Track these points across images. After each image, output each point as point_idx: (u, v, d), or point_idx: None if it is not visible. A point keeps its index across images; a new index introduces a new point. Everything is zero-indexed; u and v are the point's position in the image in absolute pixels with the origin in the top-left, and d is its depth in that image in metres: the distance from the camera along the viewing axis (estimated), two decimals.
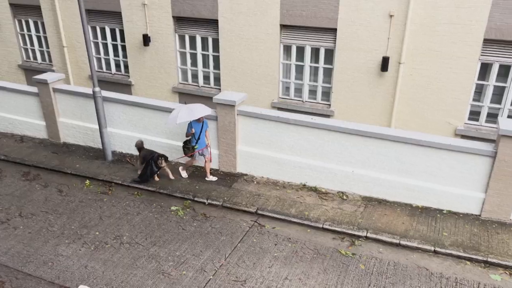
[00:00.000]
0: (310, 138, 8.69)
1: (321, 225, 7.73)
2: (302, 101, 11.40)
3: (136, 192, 9.03)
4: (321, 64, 10.81)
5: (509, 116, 9.44)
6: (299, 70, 11.19)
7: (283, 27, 10.79)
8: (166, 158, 9.17)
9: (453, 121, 9.76)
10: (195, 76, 12.68)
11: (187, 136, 9.01)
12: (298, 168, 8.98)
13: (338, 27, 10.08)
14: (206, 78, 12.58)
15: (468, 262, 6.78)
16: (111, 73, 13.83)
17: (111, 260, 6.96)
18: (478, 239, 7.20)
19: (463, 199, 7.82)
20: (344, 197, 8.57)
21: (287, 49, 11.11)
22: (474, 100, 9.67)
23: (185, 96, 12.65)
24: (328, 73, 10.83)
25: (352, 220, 7.81)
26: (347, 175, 8.57)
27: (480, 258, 6.77)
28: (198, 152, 9.08)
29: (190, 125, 8.81)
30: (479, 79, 9.44)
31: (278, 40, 10.91)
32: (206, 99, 11.98)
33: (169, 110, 9.71)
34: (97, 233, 7.68)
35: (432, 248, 7.03)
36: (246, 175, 9.57)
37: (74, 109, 10.88)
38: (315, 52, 10.84)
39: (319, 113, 10.89)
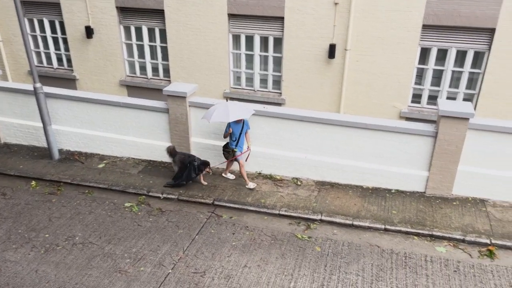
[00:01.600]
0: (263, 126, 8.77)
1: (277, 212, 7.87)
2: (254, 90, 11.45)
3: (87, 191, 8.72)
4: (271, 53, 10.89)
5: (448, 98, 10.01)
6: (249, 59, 11.21)
7: (231, 16, 10.74)
8: (209, 165, 8.59)
9: (398, 105, 10.21)
10: (143, 68, 12.35)
11: (224, 137, 8.46)
12: (252, 157, 9.03)
13: (285, 15, 10.18)
14: (155, 70, 12.29)
15: (415, 237, 7.18)
16: (53, 68, 13.15)
17: (64, 262, 6.71)
18: (423, 215, 7.63)
19: (409, 178, 8.24)
20: (299, 183, 8.76)
21: (236, 38, 11.08)
22: (416, 83, 10.15)
23: (134, 89, 12.31)
24: (278, 61, 10.93)
25: (307, 205, 8.01)
26: (300, 161, 8.75)
27: (426, 232, 7.19)
28: (239, 155, 8.44)
29: (229, 125, 8.16)
30: (419, 63, 9.91)
31: (227, 29, 10.84)
32: (156, 92, 11.75)
33: (117, 104, 9.45)
34: (47, 235, 7.36)
35: (383, 226, 7.37)
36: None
37: (14, 107, 10.27)
38: (264, 41, 10.89)
39: (271, 102, 11.00)
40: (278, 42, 10.70)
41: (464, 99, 9.86)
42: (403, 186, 8.35)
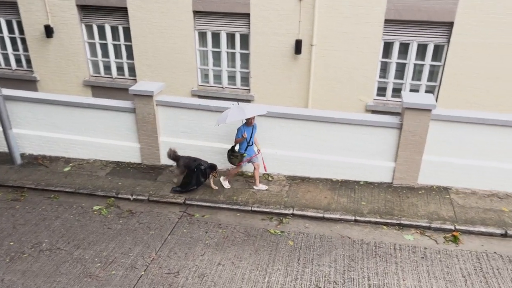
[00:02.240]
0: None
1: (249, 208, 7.89)
2: (222, 87, 11.41)
3: (52, 196, 8.45)
4: (238, 49, 10.87)
5: (411, 90, 10.32)
6: (217, 56, 11.16)
7: (196, 13, 10.63)
8: (216, 169, 8.32)
9: (364, 98, 10.43)
10: (107, 68, 12.06)
11: (236, 143, 8.09)
12: (223, 154, 9.00)
13: (251, 12, 10.18)
14: (120, 69, 12.03)
15: (384, 227, 7.37)
16: (11, 69, 12.63)
17: (31, 270, 6.48)
18: (391, 205, 7.85)
19: (377, 169, 8.45)
20: (270, 179, 8.81)
21: (202, 35, 10.99)
22: (380, 77, 10.40)
23: (99, 89, 12.00)
24: (245, 58, 10.93)
25: (278, 200, 8.07)
26: (271, 157, 8.79)
27: (395, 221, 7.40)
28: (247, 160, 8.19)
29: (241, 129, 7.87)
30: (383, 57, 10.15)
31: (192, 26, 10.74)
32: (122, 91, 11.50)
33: (82, 105, 9.19)
34: (11, 243, 7.08)
35: (353, 218, 7.53)
36: (171, 166, 9.40)
37: None
38: (231, 37, 10.86)
39: (240, 99, 10.98)
40: (245, 38, 10.70)
41: (426, 91, 10.19)
42: (371, 177, 8.55)
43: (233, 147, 8.15)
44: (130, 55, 11.62)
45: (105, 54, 11.85)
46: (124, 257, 6.72)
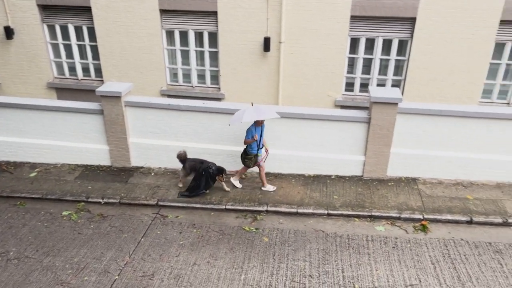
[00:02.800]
0: (203, 122, 8.71)
1: (223, 207, 7.88)
2: (192, 86, 11.32)
3: (18, 202, 8.16)
4: (206, 48, 10.80)
5: (378, 85, 10.55)
6: (185, 55, 11.05)
7: (163, 11, 10.49)
8: (225, 172, 8.10)
9: (332, 93, 10.59)
10: (72, 69, 11.73)
11: (246, 143, 7.86)
12: (196, 154, 8.94)
13: (218, 9, 10.13)
14: (86, 70, 11.72)
15: (356, 219, 7.53)
16: None
17: None
18: (362, 197, 8.02)
19: (347, 163, 8.61)
20: (243, 176, 8.81)
21: (170, 34, 10.86)
22: (348, 72, 10.58)
23: (64, 91, 11.66)
24: (214, 56, 10.88)
25: (252, 197, 8.10)
26: None
27: (366, 213, 7.57)
28: (261, 160, 8.04)
29: (251, 130, 7.70)
30: (350, 53, 10.33)
31: (159, 25, 10.59)
32: (88, 93, 11.21)
33: (46, 108, 8.91)
34: None
35: (326, 212, 7.65)
36: (142, 167, 9.27)
37: None
38: (199, 36, 10.78)
39: (210, 97, 10.94)
40: (213, 36, 10.64)
41: (392, 85, 10.45)
42: (342, 171, 8.70)
43: (245, 149, 7.97)
44: (96, 56, 11.35)
45: (69, 55, 11.52)
46: (97, 262, 6.58)
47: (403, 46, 10.06)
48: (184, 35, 10.78)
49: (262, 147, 7.99)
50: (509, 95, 10.14)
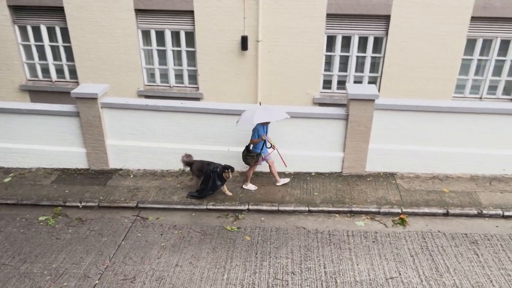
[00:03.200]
0: (183, 123, 8.65)
1: (205, 207, 7.84)
2: (170, 86, 11.22)
3: None
4: (184, 47, 10.72)
5: (355, 82, 10.69)
6: (162, 55, 10.94)
7: (138, 11, 10.35)
8: (233, 170, 7.89)
9: (311, 91, 10.67)
10: (46, 71, 11.46)
11: (252, 143, 7.80)
12: (175, 155, 8.88)
13: (195, 9, 10.06)
14: (60, 71, 11.47)
15: (337, 215, 7.62)
16: None
17: None
18: (342, 193, 8.12)
19: (327, 160, 8.69)
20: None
21: (146, 34, 10.72)
22: (325, 70, 10.68)
23: (37, 94, 11.38)
24: (192, 56, 10.81)
25: (233, 196, 8.09)
26: (224, 154, 8.78)
27: (346, 209, 7.66)
28: (262, 158, 7.98)
29: (258, 130, 7.62)
30: (327, 50, 10.43)
31: (135, 25, 10.45)
32: (63, 95, 10.98)
33: (19, 112, 8.69)
34: None
35: (307, 208, 7.71)
36: (120, 170, 9.14)
37: None
38: (176, 35, 10.69)
39: (189, 97, 10.87)
40: (190, 36, 10.57)
41: (369, 82, 10.60)
42: (322, 168, 8.78)
43: (247, 147, 7.92)
44: (70, 57, 11.11)
45: (43, 56, 11.25)
46: (76, 267, 6.45)
47: (378, 43, 10.22)
48: (160, 35, 10.67)
49: (270, 147, 7.97)
50: (481, 90, 10.43)
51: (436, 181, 8.42)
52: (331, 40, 10.32)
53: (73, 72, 11.32)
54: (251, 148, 7.89)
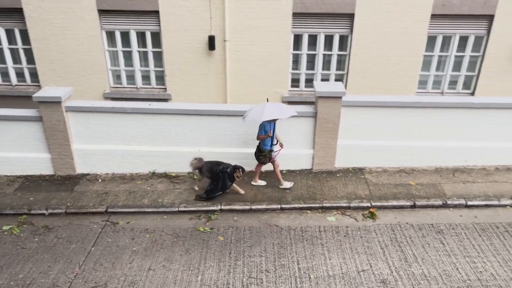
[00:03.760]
0: (151, 124, 8.52)
1: (176, 209, 7.76)
2: (137, 88, 11.02)
3: None
4: (150, 48, 10.56)
5: (322, 80, 10.85)
6: (128, 56, 10.73)
7: (102, 12, 10.11)
8: (243, 170, 7.79)
9: (279, 90, 10.75)
10: (5, 75, 11.01)
11: (259, 139, 7.75)
12: (144, 157, 8.75)
13: (160, 9, 9.93)
14: (20, 75, 11.05)
15: (308, 211, 7.71)
16: None
17: None
18: (313, 190, 8.23)
19: (297, 157, 8.78)
20: (195, 177, 8.73)
21: (110, 35, 10.49)
22: (293, 68, 10.78)
23: None
24: (159, 56, 10.66)
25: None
26: (194, 155, 8.69)
27: (317, 205, 7.77)
28: (275, 156, 8.00)
29: (264, 126, 7.56)
30: (294, 49, 10.53)
31: (99, 26, 10.20)
32: (25, 99, 10.58)
33: None
34: None
35: (279, 206, 7.76)
36: (88, 174, 8.91)
37: None
38: (141, 36, 10.51)
39: (157, 98, 10.72)
40: (156, 36, 10.42)
41: (336, 80, 10.78)
42: (293, 165, 8.87)
43: (258, 147, 7.90)
44: (31, 60, 10.72)
45: (1, 59, 10.80)
46: (44, 277, 6.25)
47: (344, 41, 10.41)
48: (125, 35, 10.47)
49: (277, 143, 7.95)
50: (442, 84, 10.82)
51: (403, 174, 8.67)
52: (297, 39, 10.43)
53: (34, 76, 10.94)
54: (261, 147, 7.86)
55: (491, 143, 8.67)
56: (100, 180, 8.70)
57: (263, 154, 7.88)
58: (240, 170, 7.74)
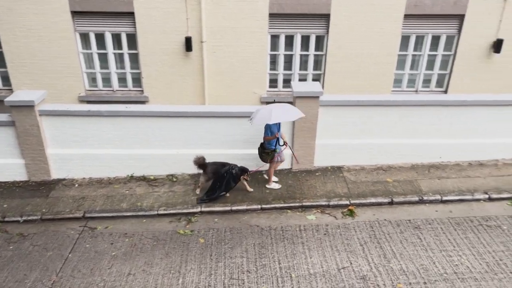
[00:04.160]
0: (128, 127, 8.41)
1: (156, 212, 7.68)
2: (113, 90, 10.86)
3: None
4: (126, 50, 10.42)
5: (299, 80, 10.92)
6: (103, 58, 10.56)
7: (75, 13, 9.93)
8: (249, 171, 7.92)
9: (258, 90, 10.77)
10: None
11: (266, 140, 7.79)
12: (122, 160, 8.63)
13: (135, 10, 9.82)
14: None
15: (289, 211, 7.75)
16: None
17: None
18: (293, 189, 8.28)
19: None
20: (174, 179, 8.67)
21: (84, 37, 10.30)
22: (271, 69, 10.82)
23: None
24: (135, 58, 10.53)
25: (185, 200, 7.99)
26: (173, 157, 8.65)
27: (297, 204, 7.82)
28: (279, 156, 8.01)
29: (271, 127, 7.61)
30: (271, 50, 10.57)
31: (72, 28, 10.00)
32: None
33: None
34: None
35: (259, 206, 7.77)
36: (64, 179, 8.72)
37: None
38: (117, 38, 10.36)
39: (133, 101, 10.59)
40: (132, 38, 10.29)
41: (313, 79, 10.88)
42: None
43: (262, 144, 7.93)
44: (2, 63, 10.43)
45: None
46: (20, 285, 6.08)
47: (320, 42, 10.52)
48: (100, 37, 10.30)
49: (283, 144, 7.96)
50: (417, 83, 11.05)
51: (380, 171, 8.82)
52: (275, 40, 10.47)
53: (5, 79, 10.65)
54: (266, 145, 7.89)
55: (464, 139, 8.91)
56: (76, 185, 8.54)
57: (266, 151, 7.92)
58: (248, 173, 7.92)
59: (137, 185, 8.49)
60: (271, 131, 7.72)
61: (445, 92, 11.01)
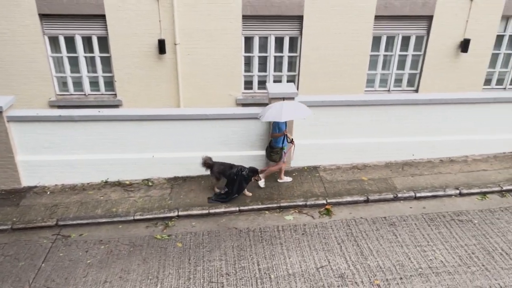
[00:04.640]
0: (101, 132, 8.25)
1: (132, 218, 7.56)
2: (85, 94, 10.63)
3: None
4: (97, 53, 10.22)
5: (274, 81, 10.97)
6: (74, 62, 10.32)
7: (43, 16, 9.67)
8: (258, 172, 7.89)
9: (233, 92, 10.76)
10: None
11: (273, 137, 7.84)
12: (95, 166, 8.45)
13: (106, 13, 9.64)
14: None
15: (267, 212, 7.77)
16: None
17: None
18: (271, 190, 8.30)
19: (251, 159, 8.79)
20: (150, 184, 8.55)
21: (54, 40, 10.05)
22: (246, 71, 10.83)
23: None
24: (107, 62, 10.34)
25: (162, 204, 7.90)
26: (148, 161, 8.53)
27: (275, 205, 7.85)
28: (284, 153, 8.06)
29: (278, 124, 7.62)
30: (246, 51, 10.58)
31: (40, 31, 9.74)
32: None
33: None
34: None
35: (237, 208, 7.76)
36: (35, 187, 8.47)
37: None
38: (88, 41, 10.15)
39: (106, 105, 10.38)
40: (104, 41, 10.10)
41: (288, 81, 10.95)
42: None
43: (270, 144, 7.98)
44: None
45: None
46: None
47: (294, 43, 10.60)
48: (70, 40, 10.06)
49: (290, 141, 7.99)
50: (388, 83, 11.29)
51: (356, 170, 8.95)
52: (249, 41, 10.49)
53: None
54: (273, 144, 7.94)
55: (435, 137, 9.16)
56: (48, 192, 8.31)
57: (274, 150, 7.97)
58: (258, 175, 7.92)
59: (112, 191, 8.33)
60: (279, 127, 7.79)
61: (416, 91, 11.29)
